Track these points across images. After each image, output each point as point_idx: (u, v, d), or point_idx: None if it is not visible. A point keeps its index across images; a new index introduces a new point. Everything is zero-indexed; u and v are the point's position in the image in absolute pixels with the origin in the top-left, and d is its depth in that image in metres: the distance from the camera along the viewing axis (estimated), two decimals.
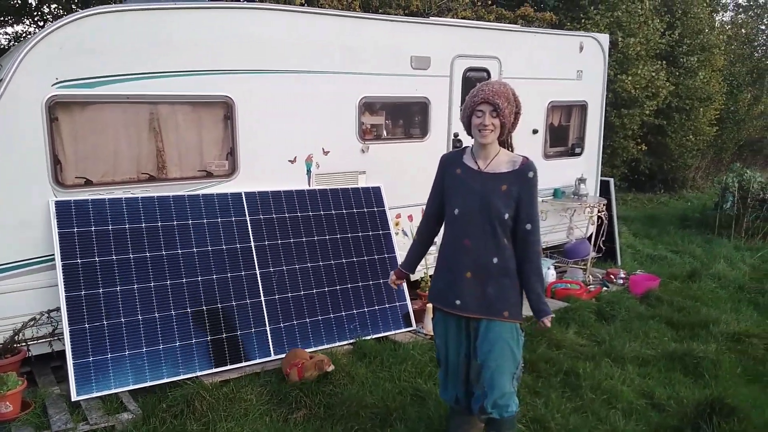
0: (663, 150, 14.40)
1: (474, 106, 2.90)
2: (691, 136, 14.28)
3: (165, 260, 4.42)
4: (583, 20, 11.56)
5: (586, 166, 7.35)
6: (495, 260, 2.91)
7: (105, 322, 4.13)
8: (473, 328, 3.01)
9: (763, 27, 19.68)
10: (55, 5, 11.39)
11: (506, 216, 2.88)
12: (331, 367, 4.15)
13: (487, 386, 2.98)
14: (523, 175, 2.89)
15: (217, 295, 4.51)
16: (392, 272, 3.47)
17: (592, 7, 11.45)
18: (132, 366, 4.10)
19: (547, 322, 2.99)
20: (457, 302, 2.99)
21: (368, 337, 4.94)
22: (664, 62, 12.91)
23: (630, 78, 11.65)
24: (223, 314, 4.48)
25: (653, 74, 12.17)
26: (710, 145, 16.00)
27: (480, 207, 2.91)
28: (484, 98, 2.85)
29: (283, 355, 4.53)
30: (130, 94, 4.42)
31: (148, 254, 4.39)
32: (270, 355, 4.54)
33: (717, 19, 17.73)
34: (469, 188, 2.97)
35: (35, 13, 11.47)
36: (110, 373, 4.02)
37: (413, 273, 3.46)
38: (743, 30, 18.65)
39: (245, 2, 5.03)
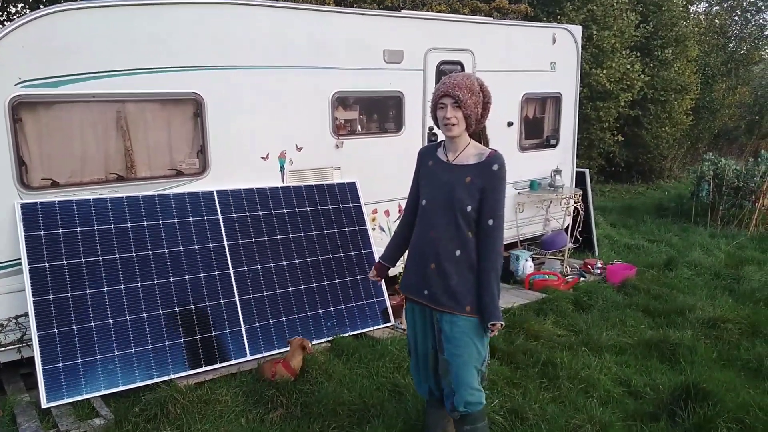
0: (639, 141, 14.53)
1: (437, 100, 2.88)
2: (667, 127, 14.42)
3: (135, 262, 4.34)
4: (558, 15, 11.61)
5: (561, 158, 7.37)
6: (458, 252, 2.88)
7: (75, 327, 4.04)
8: (436, 321, 2.99)
9: (737, 18, 19.91)
10: (21, 4, 11.17)
11: (469, 208, 2.84)
12: (310, 348, 4.12)
13: (454, 384, 2.96)
14: (488, 167, 2.84)
15: (190, 296, 4.44)
16: (373, 269, 3.43)
17: (567, 2, 11.50)
18: (104, 370, 4.02)
19: (495, 330, 2.85)
20: (425, 292, 2.98)
21: (346, 334, 4.90)
22: (639, 54, 13.02)
23: (605, 71, 11.72)
24: (196, 315, 4.41)
25: (628, 66, 12.26)
26: (686, 135, 16.18)
27: (444, 198, 2.89)
28: (444, 91, 2.83)
29: (260, 355, 4.49)
30: (96, 93, 4.33)
31: (117, 256, 4.31)
32: (246, 356, 4.48)
33: (692, 10, 17.92)
34: (436, 180, 2.95)
35: (1, 14, 11.24)
36: (81, 378, 3.93)
37: (394, 266, 3.42)
38: (717, 21, 18.87)
39: None
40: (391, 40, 5.76)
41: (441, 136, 3.05)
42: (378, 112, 5.98)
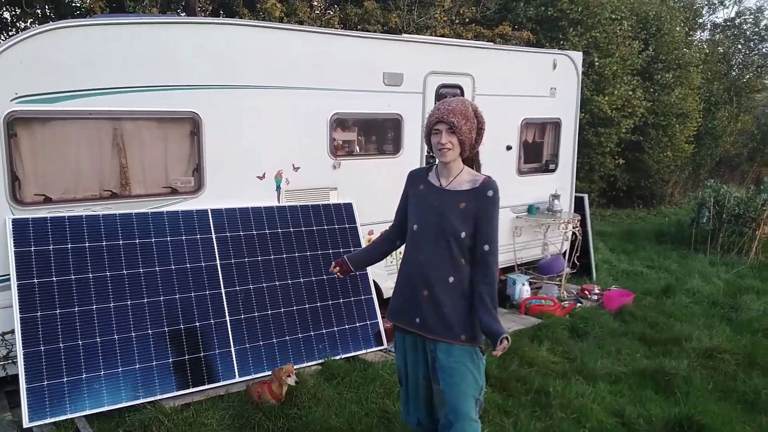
0: (641, 165, 14.52)
1: (431, 126, 2.87)
2: (668, 152, 14.42)
3: (126, 280, 4.31)
4: (561, 41, 11.68)
5: (560, 183, 7.35)
6: (451, 279, 2.85)
7: (61, 345, 4.00)
8: (429, 350, 2.93)
9: (740, 47, 20.02)
10: (32, 20, 11.29)
11: (463, 234, 2.81)
12: (292, 378, 4.04)
13: (451, 414, 2.88)
14: (483, 193, 2.82)
15: (180, 315, 4.40)
16: (337, 261, 3.38)
17: (570, 28, 11.57)
18: (89, 390, 3.97)
19: (504, 344, 2.74)
20: (417, 320, 2.93)
21: (337, 357, 4.85)
22: (640, 79, 13.05)
23: (606, 98, 11.75)
24: (186, 335, 4.37)
25: (630, 93, 12.29)
26: (688, 161, 16.17)
27: (436, 223, 2.86)
28: (439, 117, 2.82)
29: (249, 377, 4.44)
30: (93, 110, 4.33)
31: (108, 274, 4.28)
32: (234, 377, 4.42)
33: (695, 38, 18.01)
34: (427, 204, 2.92)
35: (10, 30, 11.35)
36: (66, 397, 3.88)
37: (354, 270, 3.36)
38: (720, 49, 18.96)
39: (213, 17, 4.97)
40: (391, 62, 5.78)
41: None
42: (376, 134, 5.98)
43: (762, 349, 5.22)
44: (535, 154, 7.25)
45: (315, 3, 11.16)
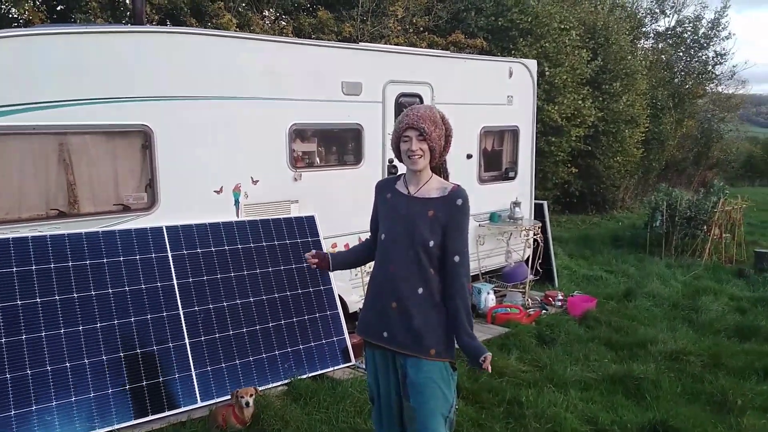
0: (593, 172, 14.83)
1: (401, 132, 2.77)
2: (618, 158, 14.77)
3: (77, 304, 4.05)
4: (512, 50, 11.83)
5: (520, 190, 7.37)
6: (420, 290, 2.74)
7: (8, 376, 3.72)
8: (400, 365, 2.81)
9: (681, 54, 20.77)
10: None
11: (431, 243, 2.71)
12: (249, 396, 3.87)
13: None
14: (452, 201, 2.73)
15: (137, 339, 4.16)
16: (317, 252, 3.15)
17: (521, 38, 11.73)
18: (40, 422, 3.70)
19: (488, 362, 2.67)
20: (385, 334, 2.80)
21: (304, 376, 4.67)
22: (590, 89, 13.34)
23: (556, 107, 11.95)
24: (143, 360, 4.13)
25: (579, 102, 12.53)
26: (637, 166, 16.61)
27: (404, 232, 2.76)
28: (409, 124, 2.72)
29: (212, 401, 4.23)
30: (36, 125, 4.08)
31: (57, 298, 4.01)
32: (196, 402, 4.20)
33: (639, 45, 18.58)
34: (396, 213, 2.82)
35: None
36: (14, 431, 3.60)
37: (334, 269, 3.20)
38: (663, 56, 19.63)
39: (162, 26, 4.78)
40: (349, 72, 5.68)
41: (401, 169, 2.92)
42: (337, 145, 5.86)
43: (726, 350, 5.30)
44: (495, 162, 7.26)
45: (266, 13, 11.00)
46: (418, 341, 2.73)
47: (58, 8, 8.87)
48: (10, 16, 8.81)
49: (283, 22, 10.82)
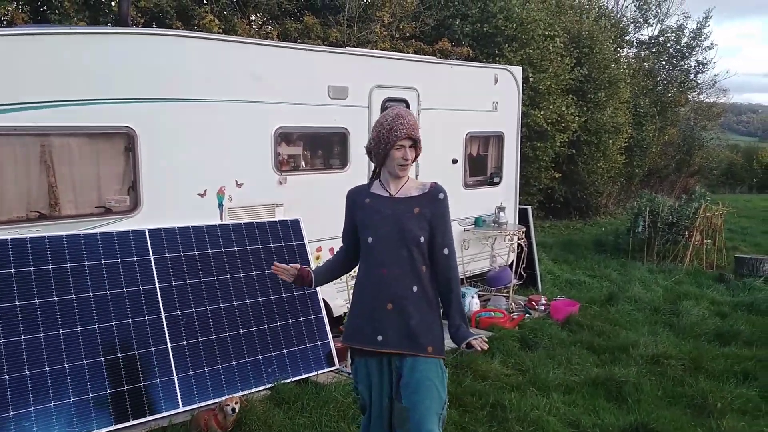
0: (576, 178, 14.96)
1: (396, 141, 2.77)
2: (601, 164, 14.91)
3: (57, 307, 4.00)
4: (497, 57, 11.91)
5: (504, 195, 7.42)
6: (414, 288, 2.76)
7: None
8: (395, 367, 2.81)
9: (664, 63, 21.05)
10: None
11: (422, 239, 2.76)
12: (234, 403, 3.84)
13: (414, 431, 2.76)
14: (434, 196, 2.82)
15: (117, 343, 4.11)
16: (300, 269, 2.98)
17: (506, 44, 11.82)
18: (17, 428, 3.64)
19: (480, 343, 2.72)
20: (379, 338, 2.80)
21: (287, 380, 4.65)
22: (574, 97, 13.47)
23: (542, 112, 12.05)
24: (124, 365, 4.08)
25: (563, 109, 12.65)
26: (620, 173, 16.78)
27: (394, 232, 2.78)
28: (406, 134, 2.76)
29: (194, 406, 4.19)
30: (17, 125, 4.03)
31: (37, 301, 3.96)
32: (178, 407, 4.16)
33: (622, 54, 18.79)
34: (381, 214, 2.83)
35: None
36: None
37: (315, 285, 3.08)
38: (646, 65, 19.87)
39: (146, 28, 4.76)
40: (335, 76, 5.68)
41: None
42: (323, 148, 5.86)
43: (706, 354, 5.36)
44: (480, 167, 7.30)
45: (253, 18, 10.98)
46: (416, 340, 2.75)
47: (42, 9, 8.79)
48: None
49: (270, 27, 10.82)
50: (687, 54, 20.94)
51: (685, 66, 21.16)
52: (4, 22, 8.22)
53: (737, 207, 13.38)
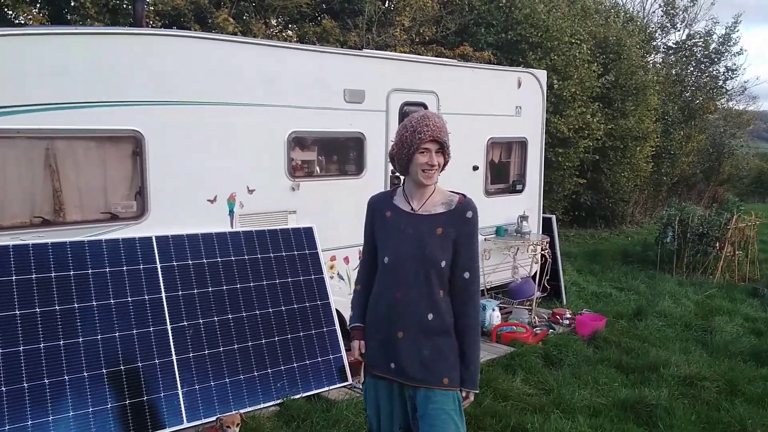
0: (601, 186, 14.57)
1: (420, 144, 2.52)
2: (626, 172, 14.51)
3: (58, 317, 3.85)
4: (520, 63, 11.65)
5: (527, 203, 7.15)
6: (430, 316, 2.51)
7: None
8: (409, 397, 2.58)
9: (692, 69, 20.54)
10: None
11: (443, 263, 2.50)
12: (235, 426, 3.64)
13: None
14: (460, 215, 2.53)
15: (120, 355, 3.95)
16: (353, 341, 2.74)
17: (530, 52, 11.54)
18: None
19: (467, 402, 2.56)
20: (392, 365, 2.57)
21: (297, 396, 4.44)
22: (600, 105, 13.11)
23: (564, 120, 11.74)
24: (127, 377, 3.92)
25: (588, 117, 12.31)
26: (647, 181, 16.34)
27: (413, 254, 2.52)
28: (432, 136, 2.49)
29: (198, 422, 4.01)
30: (21, 128, 3.90)
31: (38, 310, 3.81)
32: (182, 423, 3.99)
33: (649, 60, 18.36)
34: (400, 233, 2.58)
35: None
36: None
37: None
38: (674, 71, 19.40)
39: (155, 28, 4.62)
40: (352, 79, 5.49)
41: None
42: (338, 154, 5.66)
43: (742, 375, 5.03)
44: (502, 174, 7.04)
45: (273, 22, 10.87)
46: (430, 372, 2.51)
47: (64, 11, 8.76)
48: (15, 20, 8.71)
49: (289, 32, 10.69)
50: (716, 60, 20.40)
51: (714, 72, 20.63)
52: (22, 25, 8.19)
53: None
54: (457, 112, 6.25)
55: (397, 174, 5.81)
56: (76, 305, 3.93)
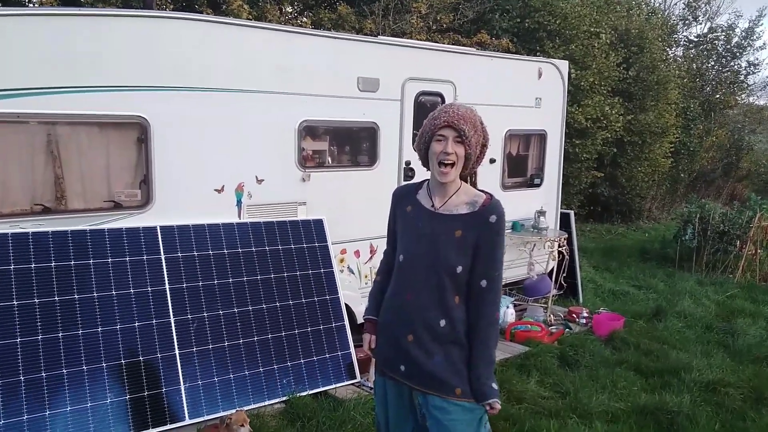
0: (618, 181, 14.28)
1: (435, 130, 2.32)
2: (644, 168, 14.20)
3: (58, 308, 3.72)
4: (538, 53, 11.38)
5: (545, 198, 6.94)
6: (442, 323, 2.33)
7: None
8: (418, 404, 2.42)
9: (713, 63, 20.08)
10: None
11: (459, 269, 2.31)
12: (245, 429, 3.50)
13: None
14: (483, 219, 2.31)
15: (121, 348, 3.81)
16: (365, 334, 2.59)
17: (548, 40, 11.27)
18: None
19: (489, 408, 2.31)
20: (402, 368, 2.41)
21: (304, 393, 4.30)
22: (620, 98, 12.80)
23: (581, 109, 11.47)
24: (127, 372, 3.78)
25: (607, 109, 12.03)
26: (665, 177, 16.01)
27: (427, 255, 2.34)
28: (448, 121, 2.29)
29: (201, 419, 3.88)
30: (21, 113, 3.76)
31: (36, 301, 3.68)
32: (184, 419, 3.85)
33: (671, 53, 17.97)
34: (417, 231, 2.40)
35: None
36: None
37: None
38: (694, 65, 18.97)
39: (162, 11, 4.45)
40: (366, 67, 5.30)
41: (419, 174, 2.52)
42: (350, 144, 5.48)
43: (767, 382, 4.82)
44: (520, 167, 6.84)
45: (288, 9, 10.69)
46: (441, 380, 2.32)
47: None
48: (23, 1, 8.60)
49: (304, 18, 10.51)
50: (738, 54, 19.91)
51: (735, 66, 20.14)
52: (34, 5, 8.08)
53: None
54: (475, 102, 5.95)
55: (411, 166, 5.65)
56: (76, 296, 3.80)
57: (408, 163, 5.63)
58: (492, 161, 6.33)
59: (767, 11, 19.87)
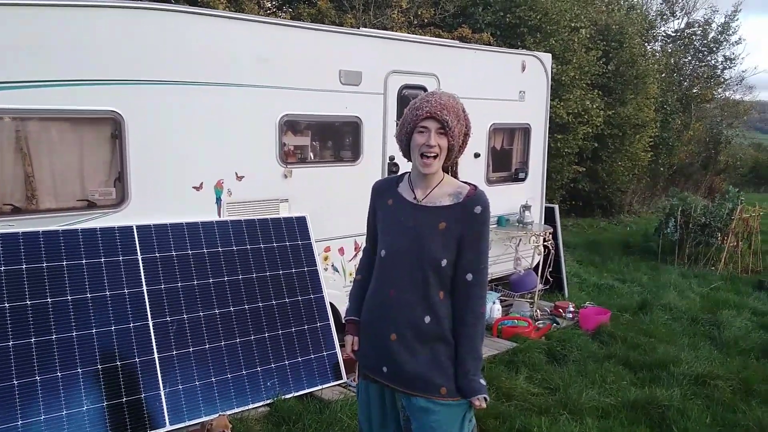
0: (599, 176, 14.33)
1: (417, 121, 2.23)
2: (624, 161, 14.27)
3: (29, 312, 3.55)
4: (519, 47, 11.34)
5: (530, 193, 6.87)
6: (427, 319, 2.24)
7: None
8: (401, 405, 2.32)
9: (689, 58, 20.27)
10: None
11: (443, 263, 2.21)
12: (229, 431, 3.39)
13: None
14: (468, 210, 2.23)
15: (98, 353, 3.66)
16: (347, 336, 2.49)
17: (529, 35, 11.24)
18: None
19: (478, 403, 2.23)
20: (384, 369, 2.31)
21: (289, 395, 4.18)
22: (599, 92, 12.84)
23: (563, 104, 11.47)
24: (104, 377, 3.63)
25: (587, 103, 12.04)
26: (645, 171, 16.11)
27: (410, 249, 2.24)
28: (430, 112, 2.20)
29: (182, 425, 3.74)
30: None
31: (7, 305, 3.52)
32: (165, 425, 3.71)
33: (648, 48, 18.08)
34: (399, 225, 2.30)
35: None
36: None
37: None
38: (672, 60, 19.12)
39: (139, 1, 4.29)
40: (348, 59, 5.18)
41: (403, 167, 2.42)
42: (332, 139, 5.36)
43: (756, 374, 4.81)
44: (504, 162, 6.76)
45: (268, 4, 10.52)
46: (425, 379, 2.23)
47: None
48: None
49: (282, 13, 10.34)
50: (714, 49, 20.12)
51: (712, 61, 20.35)
52: None
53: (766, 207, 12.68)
54: (459, 96, 5.93)
55: (395, 161, 5.55)
56: (49, 300, 3.63)
57: (392, 158, 5.52)
58: (476, 156, 6.25)
59: (742, 6, 20.10)
